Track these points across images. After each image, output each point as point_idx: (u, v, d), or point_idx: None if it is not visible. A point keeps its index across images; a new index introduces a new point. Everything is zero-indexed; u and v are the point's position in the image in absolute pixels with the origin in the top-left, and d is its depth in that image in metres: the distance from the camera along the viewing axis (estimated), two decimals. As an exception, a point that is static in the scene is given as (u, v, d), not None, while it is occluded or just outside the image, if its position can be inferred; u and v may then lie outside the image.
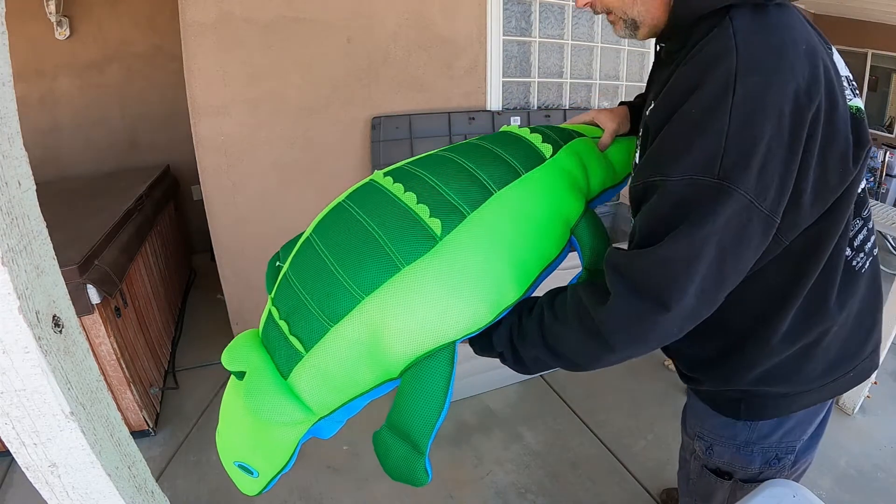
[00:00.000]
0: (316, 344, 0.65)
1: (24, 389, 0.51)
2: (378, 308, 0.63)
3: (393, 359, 0.66)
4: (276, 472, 0.76)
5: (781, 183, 0.58)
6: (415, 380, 0.65)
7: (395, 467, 0.69)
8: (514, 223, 0.69)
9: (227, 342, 0.73)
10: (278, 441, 0.72)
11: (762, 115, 0.55)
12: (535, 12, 2.43)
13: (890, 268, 3.37)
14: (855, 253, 0.74)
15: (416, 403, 0.65)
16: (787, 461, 0.88)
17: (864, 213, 0.76)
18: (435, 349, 0.65)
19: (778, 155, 0.56)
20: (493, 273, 0.67)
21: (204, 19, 1.83)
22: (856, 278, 0.75)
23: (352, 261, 0.65)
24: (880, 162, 4.47)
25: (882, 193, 4.47)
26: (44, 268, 0.52)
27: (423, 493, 1.66)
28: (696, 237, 0.58)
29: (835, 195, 0.64)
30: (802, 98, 0.57)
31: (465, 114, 2.31)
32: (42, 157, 2.87)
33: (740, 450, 0.87)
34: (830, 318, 0.73)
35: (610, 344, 0.64)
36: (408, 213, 0.66)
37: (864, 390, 1.97)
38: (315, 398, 0.68)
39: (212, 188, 2.04)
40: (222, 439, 0.76)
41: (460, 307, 0.65)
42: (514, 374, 2.15)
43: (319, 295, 0.65)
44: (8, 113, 0.48)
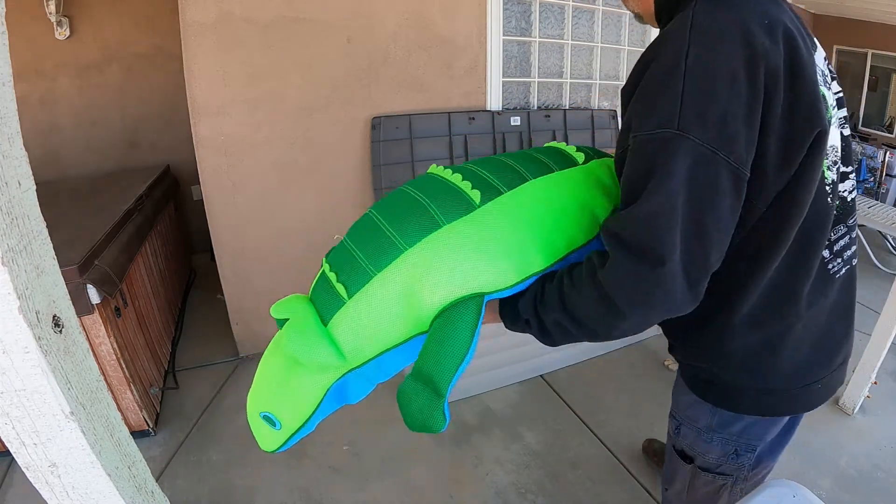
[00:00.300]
0: (358, 291, 0.72)
1: (24, 389, 0.51)
2: (418, 258, 0.71)
3: (425, 309, 0.72)
4: (298, 427, 0.77)
5: (746, 139, 0.62)
6: (442, 324, 0.70)
7: (416, 413, 0.73)
8: (543, 204, 0.78)
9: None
10: (308, 389, 0.75)
11: (715, 77, 0.61)
12: (535, 12, 2.43)
13: (890, 268, 3.37)
14: (833, 257, 0.77)
15: (440, 347, 0.70)
16: (745, 460, 0.89)
17: (849, 221, 0.79)
18: (464, 297, 0.71)
19: (739, 113, 0.61)
20: (520, 241, 0.74)
21: (204, 19, 1.83)
22: (830, 281, 0.78)
23: (399, 219, 0.74)
24: (880, 162, 4.47)
25: (882, 193, 4.46)
26: (44, 268, 0.52)
27: (423, 493, 1.66)
28: (667, 189, 0.61)
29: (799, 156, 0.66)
30: (758, 62, 0.61)
31: (465, 114, 2.31)
32: (42, 157, 2.88)
33: (702, 434, 0.90)
34: (796, 313, 0.76)
35: (618, 306, 0.66)
36: (453, 187, 0.76)
37: (864, 390, 1.97)
38: (350, 345, 0.73)
39: (212, 188, 2.04)
40: (253, 393, 0.80)
41: (488, 264, 0.72)
42: (514, 374, 2.16)
43: (368, 248, 0.74)
44: (8, 113, 0.48)
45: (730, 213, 0.65)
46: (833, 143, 0.74)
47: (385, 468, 1.76)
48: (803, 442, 1.87)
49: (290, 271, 2.28)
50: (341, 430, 1.92)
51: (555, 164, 0.84)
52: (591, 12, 2.62)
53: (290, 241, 2.24)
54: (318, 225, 2.26)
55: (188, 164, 2.72)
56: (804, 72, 0.65)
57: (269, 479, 1.70)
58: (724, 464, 0.91)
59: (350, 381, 0.77)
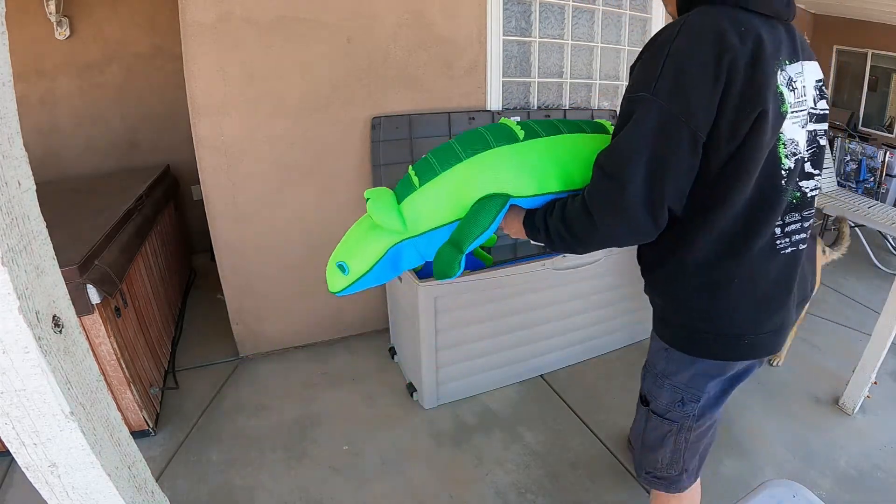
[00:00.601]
0: (427, 183, 1.04)
1: (24, 389, 0.51)
2: (471, 165, 1.02)
3: (468, 200, 1.02)
4: (360, 275, 1.09)
5: (705, 110, 0.81)
6: (477, 207, 1.01)
7: (442, 264, 1.03)
8: (569, 149, 1.07)
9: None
10: (374, 246, 1.07)
11: (689, 62, 0.80)
12: (535, 12, 2.43)
13: (890, 268, 3.37)
14: (783, 236, 0.93)
15: (471, 220, 1.01)
16: (690, 409, 1.05)
17: (804, 212, 0.95)
18: (493, 196, 1.01)
19: (703, 92, 0.80)
20: (543, 168, 1.03)
21: (204, 19, 1.83)
22: (774, 254, 0.93)
23: (466, 142, 1.06)
24: (880, 162, 4.47)
25: (882, 193, 4.46)
26: (44, 268, 0.52)
27: (423, 493, 1.66)
28: (635, 134, 0.83)
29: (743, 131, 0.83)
30: (725, 56, 0.79)
31: (465, 114, 2.31)
32: (42, 157, 2.87)
33: (657, 379, 1.08)
34: (737, 270, 0.92)
35: (593, 216, 0.89)
36: (508, 128, 1.08)
37: (864, 390, 1.97)
38: (411, 218, 1.05)
39: (212, 188, 2.04)
40: (336, 250, 1.13)
41: (517, 177, 1.02)
42: (514, 374, 2.16)
43: (440, 157, 1.06)
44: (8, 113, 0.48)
45: (685, 163, 0.83)
46: (794, 138, 0.90)
47: (385, 468, 1.76)
48: (803, 442, 1.87)
49: (290, 271, 2.28)
50: (341, 430, 1.92)
51: (588, 129, 1.13)
52: (591, 12, 2.62)
53: (290, 241, 2.24)
54: (318, 225, 2.26)
55: (188, 164, 2.72)
56: (762, 68, 0.82)
57: (269, 479, 1.70)
58: (672, 410, 1.06)
59: (404, 249, 1.08)
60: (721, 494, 1.65)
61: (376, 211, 1.04)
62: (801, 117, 0.90)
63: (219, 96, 1.93)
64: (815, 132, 0.94)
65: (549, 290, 2.05)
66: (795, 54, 0.89)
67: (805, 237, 0.96)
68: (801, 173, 0.93)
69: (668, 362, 1.04)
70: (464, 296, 1.88)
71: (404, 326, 2.12)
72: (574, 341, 2.24)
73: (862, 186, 4.58)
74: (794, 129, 0.89)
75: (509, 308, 2.00)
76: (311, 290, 2.35)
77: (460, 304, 1.88)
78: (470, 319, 1.94)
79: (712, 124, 0.82)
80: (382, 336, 2.50)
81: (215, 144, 1.98)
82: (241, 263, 2.19)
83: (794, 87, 0.88)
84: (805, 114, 0.90)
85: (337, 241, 1.15)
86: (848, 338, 2.57)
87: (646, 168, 0.83)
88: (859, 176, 4.61)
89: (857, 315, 2.80)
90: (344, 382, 2.20)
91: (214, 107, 1.94)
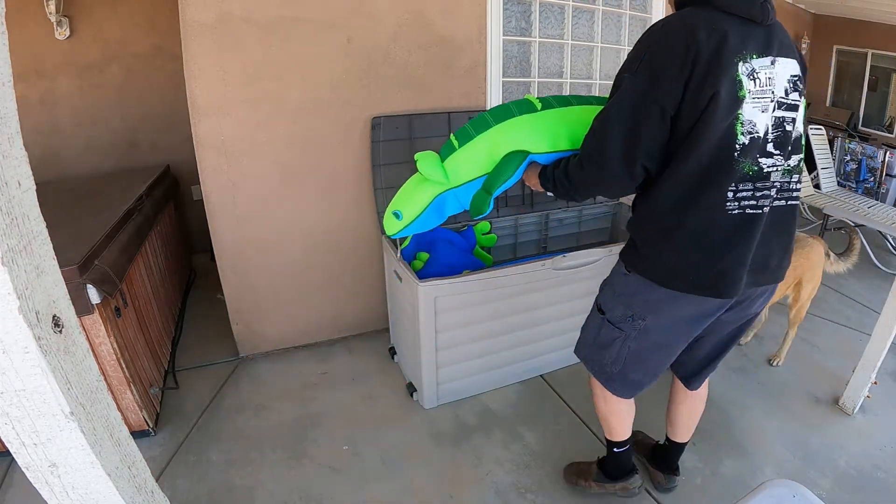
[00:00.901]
0: (465, 144, 1.36)
1: (24, 389, 0.51)
2: (500, 130, 1.35)
3: (497, 157, 1.35)
4: (412, 219, 1.42)
5: (672, 93, 1.03)
6: (503, 161, 1.34)
7: (476, 203, 1.39)
8: (576, 117, 1.35)
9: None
10: (422, 196, 1.40)
11: (663, 53, 1.04)
12: (535, 12, 2.43)
13: (890, 268, 3.37)
14: (734, 199, 1.09)
15: (499, 170, 1.34)
16: (637, 324, 1.26)
17: (758, 184, 1.10)
18: (516, 152, 1.33)
19: (671, 77, 1.02)
20: (554, 130, 1.33)
21: (204, 19, 1.83)
22: (722, 213, 1.09)
23: (495, 112, 1.37)
24: (880, 162, 4.47)
25: (882, 193, 4.46)
26: (44, 268, 0.52)
27: (423, 493, 1.66)
28: (620, 103, 1.09)
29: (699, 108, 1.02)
30: (691, 50, 1.01)
31: (465, 114, 2.31)
32: (42, 157, 2.87)
33: (614, 295, 1.31)
34: (687, 218, 1.11)
35: (583, 164, 1.18)
36: (530, 102, 1.38)
37: (864, 390, 1.97)
38: (453, 172, 1.37)
39: (212, 188, 2.04)
40: (392, 202, 1.47)
41: (535, 136, 1.33)
42: (514, 374, 2.16)
43: (476, 125, 1.36)
44: (8, 113, 0.48)
45: (655, 131, 1.06)
46: (752, 119, 1.06)
47: (385, 468, 1.76)
48: (803, 442, 1.87)
49: (290, 271, 2.28)
50: (341, 430, 1.92)
51: (597, 103, 1.38)
52: (591, 12, 2.62)
53: (290, 241, 2.24)
54: (318, 225, 2.26)
55: (188, 164, 2.72)
56: (721, 59, 1.01)
57: (269, 479, 1.70)
58: (623, 322, 1.28)
59: (447, 198, 1.41)
60: (721, 494, 1.65)
61: (425, 167, 1.34)
62: (762, 103, 1.06)
63: (219, 96, 1.93)
64: (782, 118, 1.09)
65: (549, 290, 2.05)
66: (767, 51, 1.06)
67: (755, 205, 1.10)
68: (761, 151, 1.08)
69: (625, 284, 1.27)
70: (464, 296, 1.88)
71: (404, 326, 2.12)
72: (574, 341, 2.23)
73: (862, 186, 4.58)
74: (754, 112, 1.06)
75: (509, 308, 2.00)
76: (311, 289, 2.35)
77: (460, 304, 1.88)
78: (470, 319, 1.94)
79: (680, 101, 1.03)
80: (382, 336, 2.50)
81: (215, 144, 1.98)
82: (241, 263, 2.19)
83: (755, 78, 1.05)
84: (768, 101, 1.07)
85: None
86: (848, 338, 2.57)
87: (623, 132, 1.08)
88: (859, 176, 4.61)
89: (857, 315, 2.80)
90: (344, 382, 2.20)
91: (214, 107, 1.94)
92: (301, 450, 1.83)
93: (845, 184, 4.67)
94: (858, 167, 4.62)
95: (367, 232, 2.35)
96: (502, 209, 2.49)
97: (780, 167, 1.11)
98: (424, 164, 1.35)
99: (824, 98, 6.06)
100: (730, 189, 1.08)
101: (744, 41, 1.03)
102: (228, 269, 2.18)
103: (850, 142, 4.79)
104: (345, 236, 2.32)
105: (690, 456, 1.79)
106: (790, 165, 1.14)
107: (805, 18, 5.96)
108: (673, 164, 1.09)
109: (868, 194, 4.40)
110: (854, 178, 4.66)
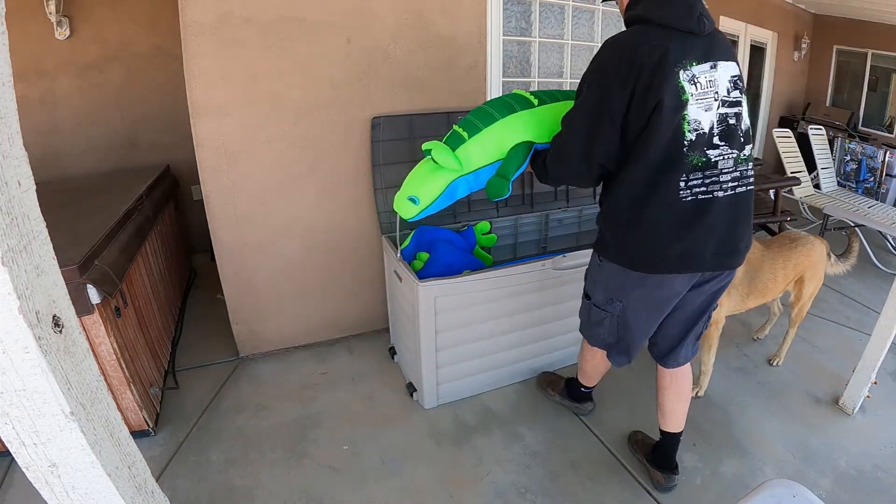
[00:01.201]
0: (473, 136, 1.51)
1: (24, 389, 0.51)
2: (506, 122, 1.51)
3: (505, 146, 1.51)
4: (428, 204, 1.55)
5: (618, 102, 1.21)
6: (513, 150, 1.51)
7: (495, 188, 1.52)
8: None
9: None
10: (437, 182, 1.53)
11: (610, 67, 1.22)
12: (535, 12, 2.43)
13: (890, 268, 3.37)
14: (686, 188, 1.24)
15: (510, 159, 1.51)
16: (617, 305, 1.46)
17: (707, 173, 1.24)
18: (524, 142, 1.51)
19: (617, 88, 1.20)
20: (551, 123, 1.50)
21: (204, 19, 1.83)
22: (677, 202, 1.24)
23: (496, 106, 1.54)
24: (880, 162, 4.47)
25: (882, 193, 4.46)
26: (44, 268, 0.52)
27: (423, 493, 1.66)
28: (580, 108, 1.30)
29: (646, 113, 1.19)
30: (635, 65, 1.17)
31: (465, 114, 2.31)
32: (42, 157, 2.87)
33: (594, 283, 1.52)
34: (646, 209, 1.26)
35: (554, 162, 1.41)
36: (524, 97, 1.56)
37: (864, 390, 1.97)
38: (465, 161, 1.51)
39: (212, 188, 2.04)
40: (403, 188, 1.60)
41: (537, 129, 1.52)
42: (514, 374, 2.16)
43: (480, 117, 1.53)
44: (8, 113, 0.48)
45: (607, 134, 1.24)
46: (697, 118, 1.21)
47: (385, 468, 1.76)
48: (803, 442, 1.87)
49: (290, 271, 2.28)
50: (341, 430, 1.92)
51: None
52: (591, 12, 2.63)
53: (290, 241, 2.24)
54: (318, 225, 2.26)
55: (188, 164, 2.72)
56: (663, 71, 1.17)
57: (269, 479, 1.70)
58: (606, 304, 1.48)
59: (459, 184, 1.54)
60: (721, 494, 1.65)
61: (441, 156, 1.49)
62: (705, 103, 1.22)
63: (219, 96, 1.93)
64: (725, 115, 1.25)
65: (549, 290, 2.05)
66: (707, 58, 1.22)
67: (705, 190, 1.25)
68: (707, 144, 1.23)
69: (600, 272, 1.47)
70: (464, 296, 1.88)
71: (404, 326, 2.12)
72: (574, 341, 2.24)
73: (862, 186, 4.59)
74: (699, 112, 1.21)
75: (509, 308, 2.00)
76: (310, 289, 2.35)
77: (460, 304, 1.88)
78: (470, 319, 1.94)
79: (627, 109, 1.20)
80: (382, 336, 2.50)
81: (215, 144, 1.98)
82: (241, 263, 2.19)
83: (696, 83, 1.21)
84: (711, 100, 1.22)
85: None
86: (848, 338, 2.57)
87: (581, 137, 1.28)
88: (859, 176, 4.62)
89: (857, 315, 2.80)
90: (344, 382, 2.20)
91: (214, 107, 1.94)
92: (301, 450, 1.83)
93: (845, 184, 4.67)
94: (858, 167, 4.63)
95: (367, 232, 2.35)
96: (502, 209, 2.49)
97: (729, 156, 1.25)
98: (440, 153, 1.48)
99: (824, 98, 6.06)
100: (682, 179, 1.23)
101: (684, 52, 1.19)
102: (228, 269, 2.18)
103: (850, 142, 4.79)
104: (345, 236, 2.32)
105: (690, 456, 1.79)
106: (744, 155, 1.28)
107: (805, 18, 5.96)
108: (629, 162, 1.25)
109: (868, 194, 4.41)
110: (854, 178, 4.66)
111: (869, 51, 5.47)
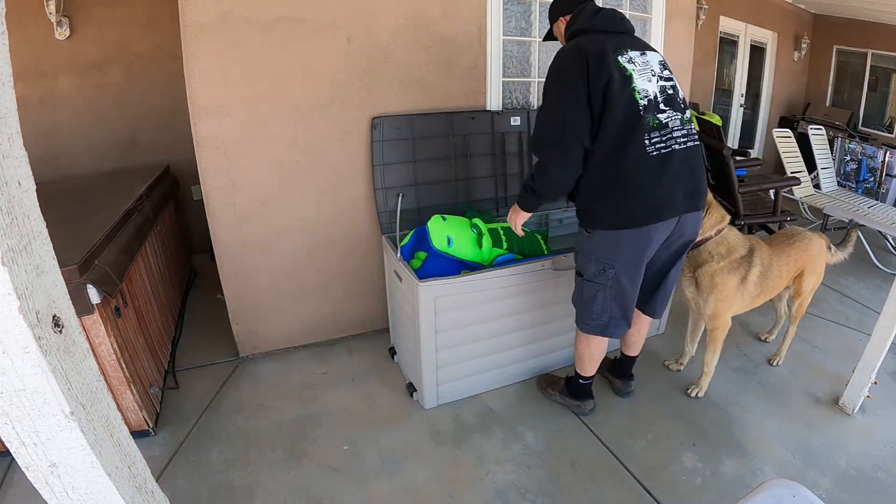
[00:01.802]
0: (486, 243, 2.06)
1: (24, 389, 0.51)
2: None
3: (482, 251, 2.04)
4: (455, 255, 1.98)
5: (582, 87, 1.48)
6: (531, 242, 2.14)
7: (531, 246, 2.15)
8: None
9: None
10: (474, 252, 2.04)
11: (569, 64, 1.52)
12: (535, 12, 2.43)
13: (890, 268, 3.37)
14: (650, 145, 1.50)
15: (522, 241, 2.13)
16: (609, 274, 1.63)
17: (663, 132, 1.52)
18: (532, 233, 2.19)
19: (578, 77, 1.48)
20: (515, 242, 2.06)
21: (204, 19, 1.83)
22: (645, 157, 1.50)
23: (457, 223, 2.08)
24: (880, 162, 4.47)
25: (882, 193, 4.46)
26: (44, 268, 0.52)
27: (423, 493, 1.66)
28: (549, 101, 1.56)
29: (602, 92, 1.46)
30: (584, 55, 1.49)
31: (465, 114, 2.31)
32: (42, 157, 2.87)
33: (584, 257, 1.68)
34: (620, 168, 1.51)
35: (539, 161, 1.62)
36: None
37: (864, 390, 1.97)
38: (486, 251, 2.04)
39: (212, 188, 2.04)
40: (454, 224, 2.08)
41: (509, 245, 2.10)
42: (513, 374, 2.16)
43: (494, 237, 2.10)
44: (8, 113, 0.48)
45: (578, 114, 1.49)
46: (644, 87, 1.51)
47: (385, 468, 1.76)
48: (803, 442, 1.87)
49: (290, 271, 2.28)
50: (341, 430, 1.92)
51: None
52: (591, 12, 2.62)
53: (290, 241, 2.24)
54: (318, 225, 2.26)
55: (188, 164, 2.71)
56: (605, 58, 1.48)
57: (269, 479, 1.70)
58: (597, 277, 1.65)
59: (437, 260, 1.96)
60: (721, 494, 1.65)
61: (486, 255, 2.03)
62: (646, 75, 1.53)
63: (219, 96, 1.93)
64: (664, 86, 1.56)
65: (549, 290, 2.05)
66: (636, 47, 1.57)
67: (668, 147, 1.52)
68: (656, 109, 1.52)
69: (589, 243, 1.64)
70: (464, 296, 1.88)
71: (404, 326, 2.12)
72: (573, 341, 2.24)
73: (862, 186, 4.58)
74: (643, 82, 1.52)
75: (509, 308, 2.00)
76: (310, 289, 2.35)
77: (460, 304, 1.88)
78: (470, 319, 1.94)
79: (588, 90, 1.47)
80: (382, 336, 2.50)
81: (215, 144, 1.98)
82: (241, 263, 2.19)
83: (633, 62, 1.52)
84: (650, 74, 1.54)
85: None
86: (848, 338, 2.57)
87: (557, 125, 1.53)
88: (859, 176, 4.61)
89: (857, 315, 2.80)
90: (344, 382, 2.20)
91: (214, 107, 1.94)
92: (301, 450, 1.83)
93: (845, 184, 4.67)
94: (858, 167, 4.63)
95: (367, 232, 2.35)
96: (502, 209, 2.49)
97: (675, 118, 1.55)
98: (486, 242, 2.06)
99: (824, 98, 6.06)
100: (645, 138, 1.49)
101: (618, 44, 1.54)
102: (228, 269, 2.18)
103: (850, 142, 4.79)
104: (345, 236, 2.32)
105: (690, 456, 1.79)
106: (686, 118, 1.59)
107: (805, 18, 5.96)
108: (600, 131, 1.50)
109: (868, 194, 4.40)
110: (854, 178, 4.66)
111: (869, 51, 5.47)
